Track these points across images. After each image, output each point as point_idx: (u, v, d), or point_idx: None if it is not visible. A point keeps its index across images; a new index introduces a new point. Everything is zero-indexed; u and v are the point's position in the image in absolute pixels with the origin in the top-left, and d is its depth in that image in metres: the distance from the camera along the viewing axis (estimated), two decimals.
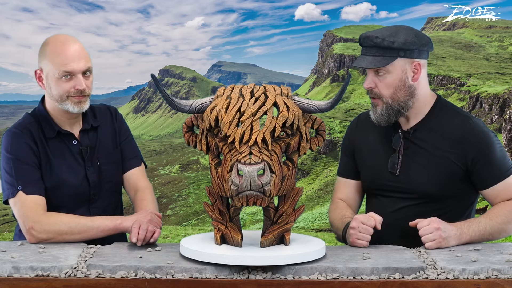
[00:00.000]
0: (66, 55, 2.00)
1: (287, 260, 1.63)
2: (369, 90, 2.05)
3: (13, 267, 1.62)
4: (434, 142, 2.05)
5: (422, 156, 2.05)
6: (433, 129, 2.07)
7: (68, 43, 2.03)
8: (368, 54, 2.02)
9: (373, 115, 2.08)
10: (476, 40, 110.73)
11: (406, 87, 2.03)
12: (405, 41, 1.98)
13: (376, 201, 2.17)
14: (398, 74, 2.01)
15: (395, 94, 2.03)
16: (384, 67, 1.99)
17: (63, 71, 1.99)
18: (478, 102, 63.21)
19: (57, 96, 2.03)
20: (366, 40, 2.03)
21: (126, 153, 2.25)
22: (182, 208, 66.09)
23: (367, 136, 2.20)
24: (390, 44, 1.98)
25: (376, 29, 2.06)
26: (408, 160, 2.08)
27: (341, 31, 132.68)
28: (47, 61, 2.02)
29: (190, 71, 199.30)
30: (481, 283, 1.60)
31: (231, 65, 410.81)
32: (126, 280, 1.60)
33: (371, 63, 2.00)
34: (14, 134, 2.04)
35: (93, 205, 2.15)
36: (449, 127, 2.05)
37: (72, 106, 2.04)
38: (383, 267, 1.64)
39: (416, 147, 2.07)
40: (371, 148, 2.17)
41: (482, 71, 79.69)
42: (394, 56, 1.99)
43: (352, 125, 2.29)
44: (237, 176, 1.55)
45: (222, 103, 1.64)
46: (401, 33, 2.00)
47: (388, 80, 2.02)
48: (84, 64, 2.02)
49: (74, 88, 2.01)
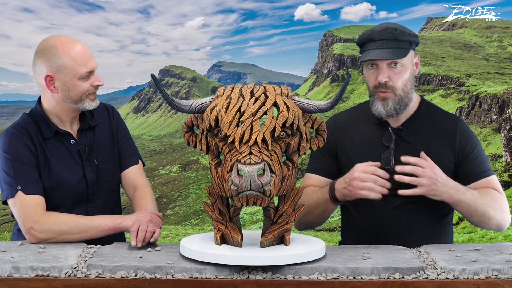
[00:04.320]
0: (83, 55, 2.02)
1: (287, 260, 1.63)
2: (384, 83, 2.05)
3: (13, 267, 1.62)
4: (425, 139, 2.09)
5: (414, 153, 2.05)
6: (424, 127, 2.11)
7: (77, 44, 2.03)
8: (386, 46, 2.03)
9: (383, 108, 2.06)
10: (476, 40, 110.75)
11: (412, 79, 2.09)
12: (414, 33, 2.06)
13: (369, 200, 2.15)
14: (409, 66, 2.07)
15: (405, 87, 2.06)
16: (401, 59, 2.03)
17: (85, 71, 2.01)
18: (478, 102, 63.22)
19: (77, 97, 2.04)
20: (383, 32, 2.04)
21: (124, 152, 2.25)
22: (182, 208, 66.12)
23: (350, 135, 2.19)
24: (407, 36, 2.04)
25: (380, 24, 2.09)
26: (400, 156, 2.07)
27: (340, 31, 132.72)
28: (63, 64, 1.99)
29: (190, 71, 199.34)
30: (481, 283, 1.60)
31: (231, 65, 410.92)
32: (126, 280, 1.60)
33: (394, 54, 2.01)
34: (12, 135, 2.04)
35: (91, 204, 2.14)
36: (440, 124, 2.11)
37: (89, 103, 2.07)
38: (383, 267, 1.64)
39: (407, 144, 2.10)
40: (358, 147, 2.16)
41: (482, 71, 79.72)
42: (408, 48, 2.05)
43: (330, 127, 2.17)
44: (237, 176, 1.55)
45: (222, 103, 1.64)
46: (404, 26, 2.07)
47: (402, 73, 2.05)
48: (95, 60, 2.06)
49: (92, 85, 2.04)
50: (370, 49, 2.06)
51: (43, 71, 2.02)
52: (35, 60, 2.04)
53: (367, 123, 2.16)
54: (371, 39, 2.06)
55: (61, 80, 2.01)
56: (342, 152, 2.20)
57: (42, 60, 2.02)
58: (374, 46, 2.05)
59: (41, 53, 2.02)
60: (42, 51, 2.02)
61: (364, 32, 2.11)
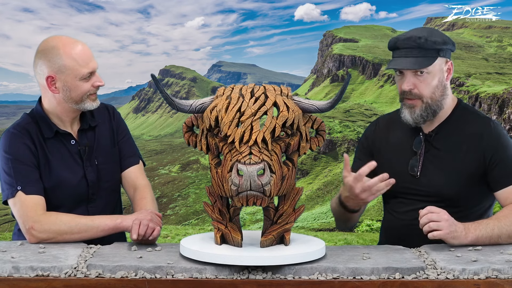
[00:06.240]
0: (84, 56, 2.02)
1: (287, 260, 1.63)
2: (408, 91, 2.05)
3: (13, 267, 1.62)
4: (454, 145, 2.07)
5: (441, 159, 2.07)
6: (453, 132, 2.09)
7: (78, 44, 2.03)
8: (409, 55, 2.02)
9: (410, 116, 2.07)
10: (475, 40, 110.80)
11: (442, 86, 2.07)
12: (443, 40, 2.03)
13: (396, 202, 2.18)
14: (437, 74, 2.05)
15: (434, 94, 2.05)
16: (427, 67, 2.01)
17: (87, 72, 2.02)
18: (477, 102, 63.26)
19: (78, 97, 2.04)
20: (407, 41, 2.03)
21: (124, 152, 2.25)
22: (182, 208, 66.13)
23: (387, 138, 2.22)
24: (433, 44, 2.01)
25: (407, 31, 2.08)
26: (428, 163, 2.09)
27: (340, 31, 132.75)
28: (64, 65, 1.99)
29: (190, 71, 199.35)
30: (481, 283, 1.60)
31: (231, 65, 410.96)
32: (126, 280, 1.60)
33: (416, 64, 2.01)
34: (13, 135, 2.04)
35: (91, 205, 2.14)
36: (469, 129, 2.07)
37: (90, 104, 2.07)
38: (383, 267, 1.64)
39: (436, 150, 2.09)
40: (391, 150, 2.18)
41: (481, 71, 79.75)
42: (435, 56, 2.02)
43: (371, 128, 2.30)
44: (237, 176, 1.55)
45: (222, 103, 1.64)
46: (435, 33, 2.04)
47: (429, 80, 2.03)
48: (95, 61, 2.06)
49: (93, 85, 2.05)
50: (395, 57, 2.07)
51: (44, 72, 2.02)
52: (36, 61, 2.04)
53: (404, 127, 2.15)
54: (396, 47, 2.07)
55: (62, 80, 2.01)
56: (377, 154, 2.21)
57: (43, 60, 2.02)
58: (399, 54, 2.06)
59: (42, 54, 2.02)
60: (43, 52, 2.02)
61: (391, 39, 2.11)
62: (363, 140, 2.31)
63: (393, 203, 2.20)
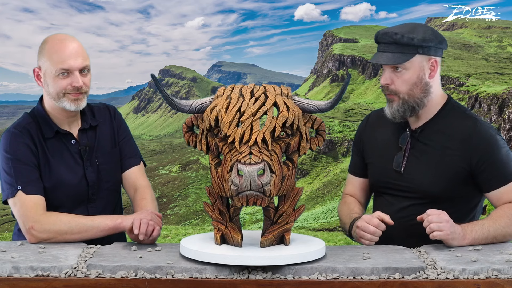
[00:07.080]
0: (64, 52, 2.01)
1: (287, 260, 1.63)
2: (385, 86, 2.05)
3: (13, 267, 1.62)
4: (441, 142, 2.05)
5: (427, 155, 2.06)
6: (440, 130, 2.07)
7: (66, 41, 2.04)
8: (387, 50, 2.02)
9: (389, 110, 2.08)
10: (475, 40, 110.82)
11: (423, 84, 2.04)
12: (424, 37, 1.99)
13: (382, 199, 2.19)
14: (415, 71, 2.02)
15: (411, 91, 2.03)
16: (403, 63, 2.00)
17: (60, 68, 2.00)
18: (477, 102, 63.25)
19: (54, 94, 2.04)
20: (384, 36, 2.03)
21: (125, 152, 2.25)
22: (182, 208, 66.11)
23: (374, 134, 2.22)
24: (410, 40, 1.99)
25: (393, 26, 2.07)
26: (413, 159, 2.09)
27: (340, 31, 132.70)
28: (45, 59, 2.03)
29: (190, 71, 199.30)
30: (481, 283, 1.60)
31: (231, 65, 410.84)
32: (126, 280, 1.60)
33: (391, 59, 2.00)
34: (13, 134, 2.04)
35: (91, 205, 2.14)
36: (457, 128, 2.05)
37: (68, 104, 2.04)
38: (383, 267, 1.64)
39: (422, 147, 2.08)
40: (378, 146, 2.19)
41: (481, 71, 79.75)
42: (413, 53, 2.00)
43: (362, 124, 2.32)
44: (237, 176, 1.55)
45: (222, 103, 1.64)
46: (419, 29, 2.01)
47: (405, 77, 2.02)
48: (82, 61, 2.03)
49: (71, 85, 2.02)
50: (377, 52, 2.07)
51: (36, 65, 2.08)
52: None
53: (391, 123, 2.15)
54: (377, 41, 2.07)
55: (42, 73, 2.06)
56: (366, 150, 2.24)
57: (37, 54, 2.08)
58: (379, 49, 2.06)
59: (39, 48, 2.08)
60: (40, 46, 2.08)
61: (376, 33, 2.10)
62: (356, 136, 2.33)
63: (379, 200, 2.22)
